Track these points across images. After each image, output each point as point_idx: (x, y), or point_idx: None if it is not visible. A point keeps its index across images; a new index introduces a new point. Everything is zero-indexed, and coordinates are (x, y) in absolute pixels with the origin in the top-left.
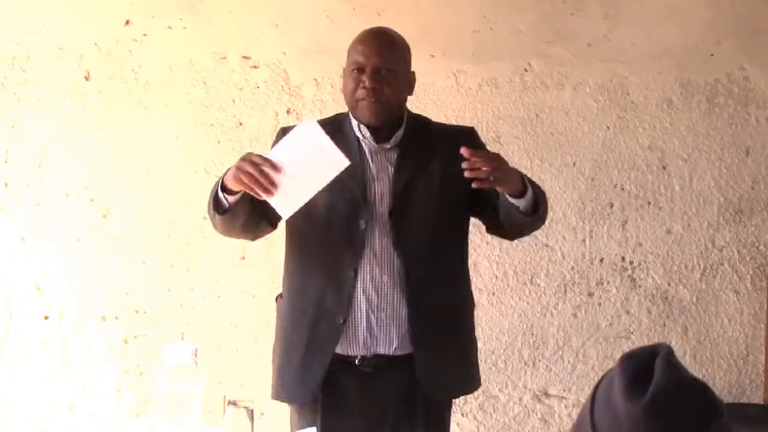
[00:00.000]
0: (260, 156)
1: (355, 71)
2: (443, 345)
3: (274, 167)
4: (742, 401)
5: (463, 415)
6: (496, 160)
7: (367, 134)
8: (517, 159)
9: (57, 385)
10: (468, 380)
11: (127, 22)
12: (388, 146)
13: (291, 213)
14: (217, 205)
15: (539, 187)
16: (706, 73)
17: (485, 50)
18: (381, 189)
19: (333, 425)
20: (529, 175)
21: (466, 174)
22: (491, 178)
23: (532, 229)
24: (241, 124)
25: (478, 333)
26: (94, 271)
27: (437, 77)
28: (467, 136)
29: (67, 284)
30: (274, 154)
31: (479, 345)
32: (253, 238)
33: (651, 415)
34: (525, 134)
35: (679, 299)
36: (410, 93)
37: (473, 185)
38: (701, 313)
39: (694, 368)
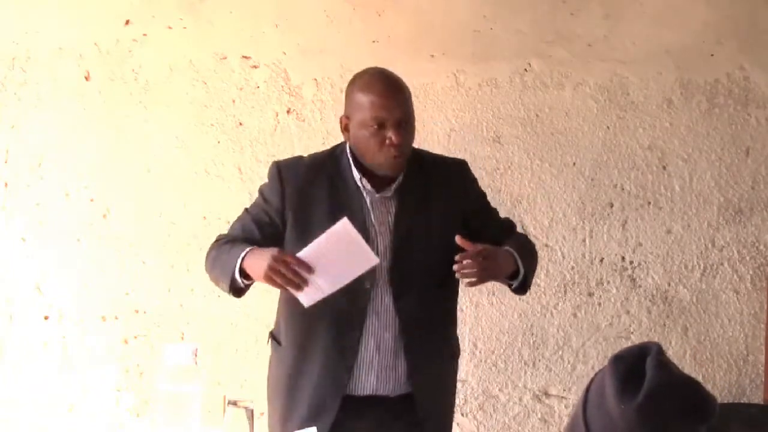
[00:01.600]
0: (294, 256)
1: (376, 127)
2: (437, 386)
3: (308, 268)
4: (742, 401)
5: (463, 415)
6: (486, 258)
7: (368, 185)
8: (517, 159)
9: (57, 385)
10: (451, 418)
11: (127, 22)
12: (389, 195)
13: (313, 303)
14: (232, 287)
15: (530, 248)
16: (706, 73)
17: (485, 50)
18: (384, 243)
19: None
20: (529, 176)
21: (457, 274)
22: (479, 278)
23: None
24: (241, 124)
25: (478, 333)
26: (94, 271)
27: (437, 77)
28: (459, 171)
29: (67, 284)
30: (307, 254)
31: (479, 345)
32: None
33: (644, 415)
34: (525, 134)
35: (679, 299)
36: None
37: (465, 285)
38: (701, 313)
39: (694, 368)
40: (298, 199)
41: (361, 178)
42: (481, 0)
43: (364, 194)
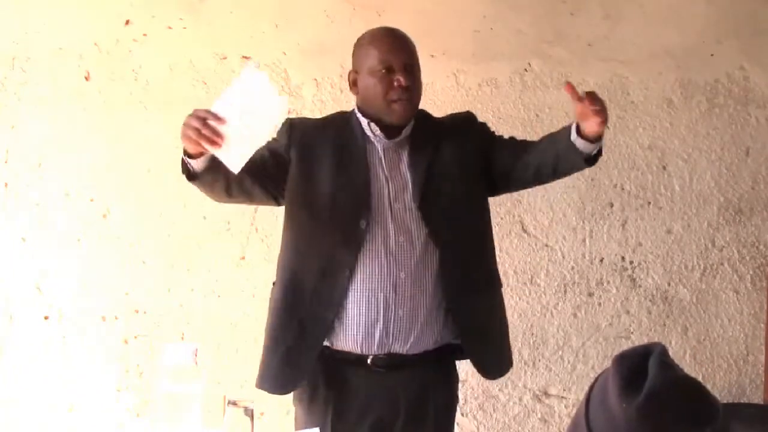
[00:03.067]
0: (204, 109)
1: (383, 71)
2: (487, 329)
3: (218, 118)
4: (742, 401)
5: (463, 415)
6: (603, 103)
7: (378, 131)
8: None
9: (57, 385)
10: (508, 359)
11: (127, 22)
12: (399, 139)
13: (240, 167)
14: (185, 169)
15: None
16: (706, 73)
17: (485, 50)
18: (396, 187)
19: (343, 425)
20: None
21: (583, 115)
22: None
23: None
24: None
25: None
26: (94, 271)
27: (437, 77)
28: (468, 120)
29: (67, 284)
30: (217, 106)
31: None
32: (251, 203)
33: (645, 414)
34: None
35: (679, 299)
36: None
37: (587, 124)
38: (701, 313)
39: (694, 368)
40: (305, 142)
41: (369, 123)
42: (481, 0)
43: (375, 142)
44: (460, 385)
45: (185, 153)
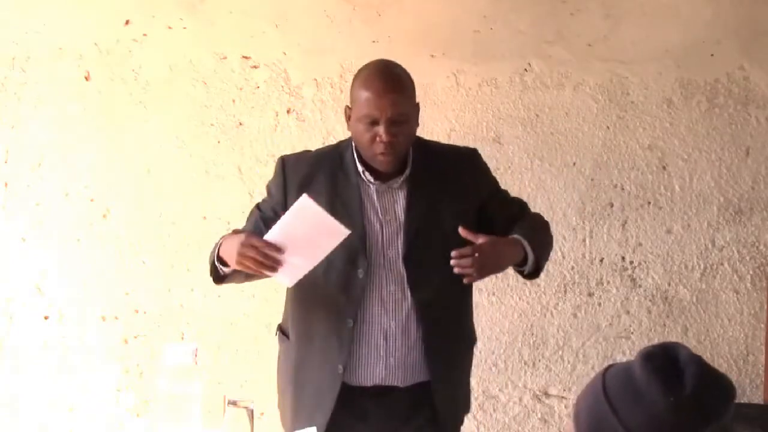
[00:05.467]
0: (261, 239)
1: (369, 123)
2: (454, 376)
3: (277, 249)
4: (742, 401)
5: None
6: (482, 254)
7: (370, 177)
8: (517, 159)
9: (57, 385)
10: (466, 404)
11: (127, 22)
12: (396, 185)
13: (294, 282)
14: (215, 274)
15: (542, 231)
16: (706, 73)
17: (485, 50)
18: (390, 232)
19: None
20: (529, 176)
21: (455, 269)
22: (476, 275)
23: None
24: (241, 124)
25: (479, 332)
26: (94, 271)
27: (437, 77)
28: (470, 163)
29: (67, 284)
30: (274, 235)
31: (479, 345)
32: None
33: (696, 404)
34: (525, 134)
35: (679, 299)
36: (417, 126)
37: (465, 281)
38: (701, 313)
39: None
40: (300, 191)
41: (363, 171)
42: (481, 0)
43: (369, 185)
44: None
45: (220, 261)
